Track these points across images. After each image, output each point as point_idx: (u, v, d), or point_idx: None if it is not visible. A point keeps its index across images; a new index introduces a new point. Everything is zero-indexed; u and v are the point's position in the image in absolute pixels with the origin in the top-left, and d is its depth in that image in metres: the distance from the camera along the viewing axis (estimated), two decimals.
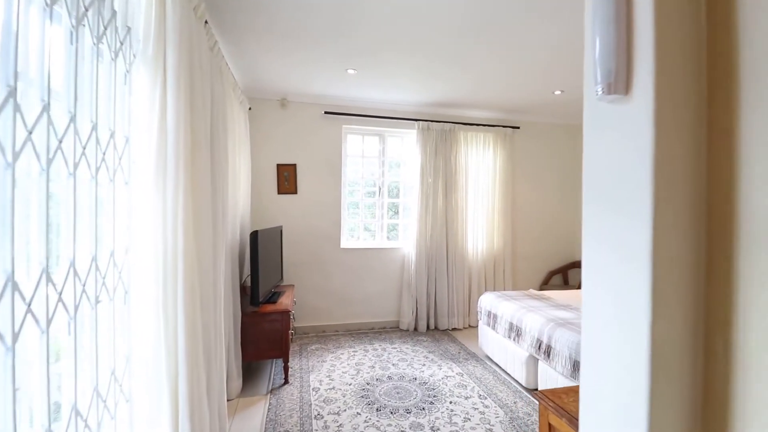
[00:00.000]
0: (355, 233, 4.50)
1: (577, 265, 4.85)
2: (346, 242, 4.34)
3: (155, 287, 1.57)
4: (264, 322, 2.98)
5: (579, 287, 4.33)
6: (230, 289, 2.69)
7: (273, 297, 3.29)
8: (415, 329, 4.31)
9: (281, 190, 4.06)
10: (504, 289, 4.61)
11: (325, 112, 4.07)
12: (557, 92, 3.80)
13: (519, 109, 4.43)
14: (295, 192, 4.09)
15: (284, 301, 3.23)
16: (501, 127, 4.55)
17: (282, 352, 3.01)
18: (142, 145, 1.59)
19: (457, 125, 4.37)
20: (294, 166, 4.08)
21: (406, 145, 4.52)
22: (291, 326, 3.54)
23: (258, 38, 2.75)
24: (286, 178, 4.07)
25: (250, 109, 3.84)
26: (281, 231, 3.78)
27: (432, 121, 4.31)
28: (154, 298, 1.57)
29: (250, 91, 3.89)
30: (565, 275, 4.92)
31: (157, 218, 1.60)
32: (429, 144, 4.30)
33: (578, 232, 4.94)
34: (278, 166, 4.05)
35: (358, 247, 4.31)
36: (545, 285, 4.82)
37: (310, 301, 4.17)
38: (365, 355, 3.55)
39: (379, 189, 4.44)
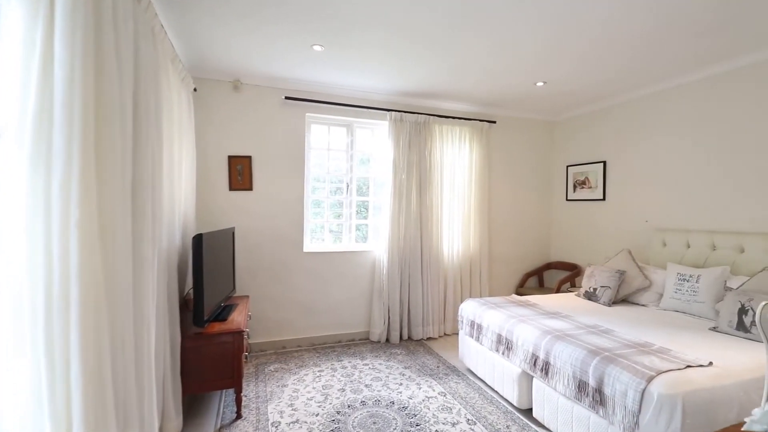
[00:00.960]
0: (320, 235, 4.03)
1: (552, 266, 4.67)
2: (309, 245, 3.85)
3: (30, 320, 1.05)
4: (210, 346, 2.45)
5: (557, 290, 4.13)
6: (165, 309, 2.14)
7: (223, 313, 2.76)
8: (387, 340, 3.91)
9: (234, 186, 3.51)
10: (481, 294, 4.32)
11: (286, 98, 3.57)
12: (540, 83, 3.55)
13: (497, 102, 4.16)
14: (249, 188, 3.54)
15: (236, 318, 2.70)
16: (478, 121, 4.26)
17: (233, 381, 2.50)
18: (12, 108, 1.06)
19: (431, 117, 4.02)
20: (249, 158, 3.53)
21: (377, 138, 4.11)
22: (245, 346, 3.02)
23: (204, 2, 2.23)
24: (240, 172, 3.52)
25: (195, 90, 3.26)
26: (233, 233, 3.23)
27: (405, 111, 3.93)
28: (30, 336, 1.04)
29: (196, 69, 3.31)
30: (540, 277, 4.73)
31: (35, 218, 1.08)
32: (402, 137, 3.92)
33: (554, 233, 4.77)
34: (230, 158, 3.49)
35: (324, 251, 3.84)
36: (521, 288, 4.59)
37: (269, 313, 3.65)
38: (333, 375, 3.09)
39: (347, 186, 3.99)
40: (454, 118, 4.15)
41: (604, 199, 4.09)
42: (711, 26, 2.44)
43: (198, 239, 2.34)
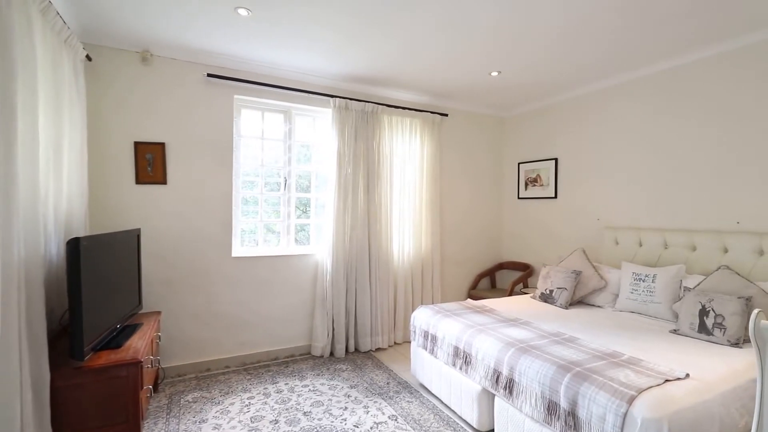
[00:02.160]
0: (253, 237, 3.50)
1: (504, 266, 4.52)
2: (239, 249, 3.32)
3: None
4: (95, 383, 1.88)
5: (511, 292, 3.96)
6: (22, 338, 1.57)
7: (117, 338, 2.18)
8: (332, 354, 3.49)
9: (142, 179, 2.89)
10: (433, 298, 4.04)
11: (209, 75, 3.01)
12: (494, 73, 3.33)
13: (449, 93, 3.90)
14: (163, 181, 2.95)
15: (136, 343, 2.14)
16: (429, 113, 3.98)
17: (129, 425, 1.95)
18: None
19: (380, 106, 3.66)
20: (162, 145, 2.94)
21: (319, 127, 3.67)
22: (156, 376, 2.45)
23: None
24: (150, 162, 2.91)
25: (89, 59, 2.62)
26: (138, 236, 2.64)
27: (351, 99, 3.53)
28: None
29: (91, 34, 2.67)
30: (492, 278, 4.56)
31: None
32: (348, 127, 3.52)
33: (506, 232, 4.63)
34: (137, 144, 2.87)
35: (257, 255, 3.32)
36: (474, 289, 4.39)
37: (189, 330, 3.07)
38: (266, 403, 2.62)
39: (285, 181, 3.51)
40: (404, 108, 3.83)
41: (555, 197, 3.99)
42: (677, 13, 2.31)
43: (73, 245, 1.77)
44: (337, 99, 3.45)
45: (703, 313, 2.25)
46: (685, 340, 2.21)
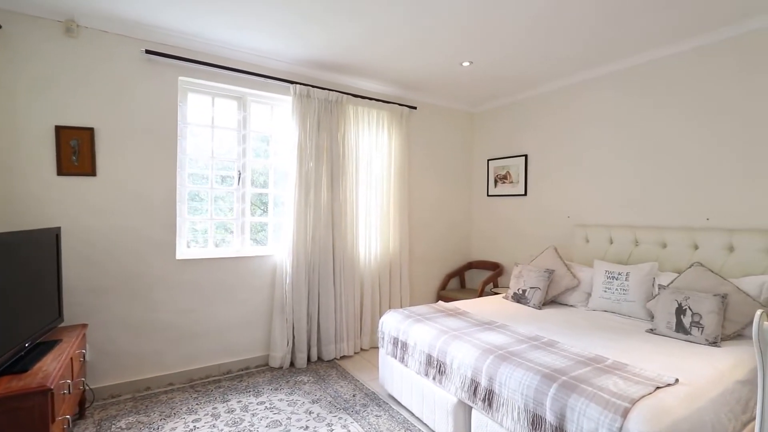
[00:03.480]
0: (202, 237, 3.14)
1: (474, 266, 4.40)
2: (185, 251, 2.95)
3: None
4: None
5: (481, 292, 3.83)
6: None
7: (24, 360, 1.79)
8: (292, 365, 3.19)
9: (65, 170, 2.47)
10: (401, 300, 3.83)
11: (148, 52, 2.64)
12: (465, 63, 3.17)
13: (419, 84, 3.71)
14: (91, 173, 2.54)
15: (47, 366, 1.77)
16: (397, 105, 3.77)
17: None
18: None
19: (345, 96, 3.41)
20: (90, 131, 2.53)
21: (278, 117, 3.36)
22: (83, 396, 2.06)
23: None
24: (75, 150, 2.49)
25: None
26: (58, 236, 2.23)
27: (314, 86, 3.25)
28: None
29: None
30: (462, 277, 4.43)
31: None
32: (310, 116, 3.23)
33: (476, 230, 4.51)
34: (60, 129, 2.45)
35: (206, 257, 2.96)
36: (443, 290, 4.23)
37: (124, 344, 2.67)
38: (214, 426, 2.29)
39: (239, 174, 3.17)
40: (371, 99, 3.60)
41: (525, 194, 3.90)
42: (656, 6, 2.23)
43: None
44: (298, 86, 3.16)
45: (680, 311, 2.18)
46: (664, 341, 2.13)
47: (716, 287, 2.20)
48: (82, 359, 2.25)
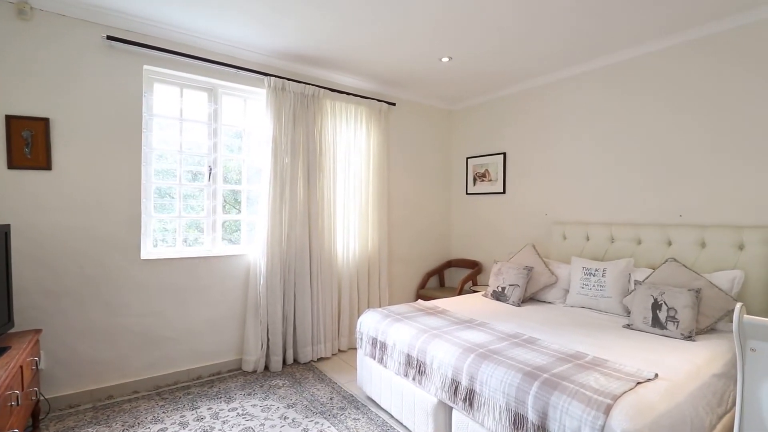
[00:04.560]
0: (170, 236, 2.98)
1: (453, 264, 4.38)
2: (151, 250, 2.79)
3: None
4: None
5: (460, 290, 3.80)
6: None
7: None
8: (267, 368, 3.07)
9: (16, 163, 2.28)
10: (380, 300, 3.76)
11: (109, 38, 2.47)
12: (445, 59, 3.14)
13: (397, 79, 3.65)
14: (46, 166, 2.35)
15: None
16: (376, 101, 3.70)
17: None
18: None
19: (322, 90, 3.31)
20: (45, 121, 2.34)
21: (251, 110, 3.23)
22: (37, 407, 1.88)
23: None
24: (28, 142, 2.30)
25: None
26: (7, 234, 2.04)
27: (289, 79, 3.14)
28: None
29: None
30: (441, 276, 4.40)
31: None
32: (285, 110, 3.12)
33: (455, 228, 4.49)
34: (10, 119, 2.26)
35: (174, 257, 2.81)
36: (422, 289, 4.18)
37: (84, 351, 2.49)
38: None
39: (210, 170, 3.02)
40: (349, 94, 3.51)
41: (504, 192, 3.91)
42: (643, 1, 2.25)
43: None
44: (273, 78, 3.04)
45: (656, 306, 2.20)
46: (641, 335, 2.15)
47: (690, 282, 2.23)
48: (34, 367, 2.07)
